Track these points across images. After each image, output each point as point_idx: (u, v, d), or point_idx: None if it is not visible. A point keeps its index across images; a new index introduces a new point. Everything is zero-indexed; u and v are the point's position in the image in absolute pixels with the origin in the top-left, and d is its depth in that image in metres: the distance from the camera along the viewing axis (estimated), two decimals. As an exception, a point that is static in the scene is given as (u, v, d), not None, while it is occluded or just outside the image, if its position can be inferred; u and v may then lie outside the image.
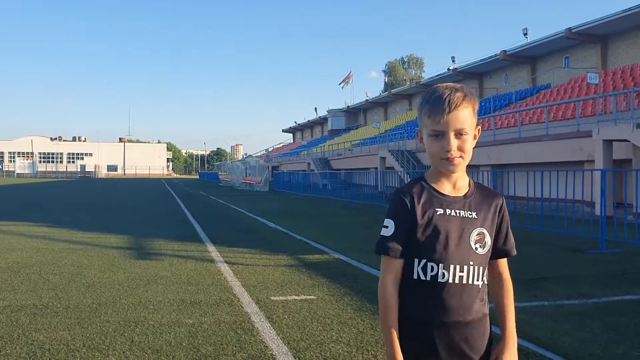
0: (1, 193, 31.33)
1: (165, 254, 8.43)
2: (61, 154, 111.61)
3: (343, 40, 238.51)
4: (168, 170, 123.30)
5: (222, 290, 5.88)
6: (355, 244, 9.29)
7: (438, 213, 1.62)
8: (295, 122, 79.71)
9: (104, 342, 4.10)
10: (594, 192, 11.82)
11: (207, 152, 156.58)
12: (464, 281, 1.60)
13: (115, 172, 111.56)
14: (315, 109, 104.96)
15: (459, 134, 1.59)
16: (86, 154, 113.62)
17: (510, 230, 1.73)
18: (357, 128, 56.65)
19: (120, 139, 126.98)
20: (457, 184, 1.66)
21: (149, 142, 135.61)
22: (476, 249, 1.63)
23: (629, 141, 14.00)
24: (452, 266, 1.59)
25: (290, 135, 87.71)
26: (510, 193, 12.28)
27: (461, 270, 1.60)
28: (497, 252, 1.71)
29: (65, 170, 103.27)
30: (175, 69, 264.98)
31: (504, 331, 1.70)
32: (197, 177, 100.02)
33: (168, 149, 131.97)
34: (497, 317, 1.73)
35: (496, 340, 1.70)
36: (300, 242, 9.92)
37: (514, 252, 1.74)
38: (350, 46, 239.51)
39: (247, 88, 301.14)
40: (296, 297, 5.52)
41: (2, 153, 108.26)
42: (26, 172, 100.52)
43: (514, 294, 1.76)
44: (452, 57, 38.82)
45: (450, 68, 38.50)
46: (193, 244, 9.56)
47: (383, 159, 28.35)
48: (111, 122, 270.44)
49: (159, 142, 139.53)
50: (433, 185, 1.66)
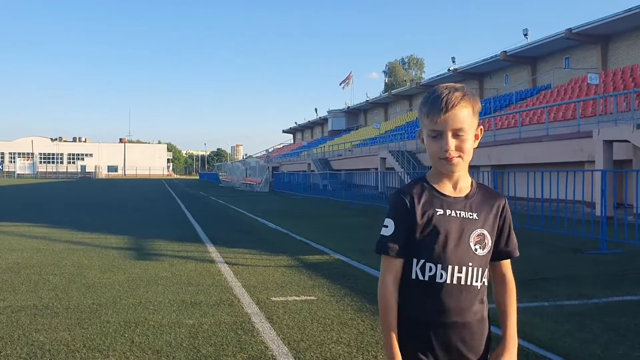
0: (1, 193, 31.34)
1: (165, 255, 8.44)
2: (61, 154, 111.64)
3: (343, 41, 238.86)
4: (168, 170, 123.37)
5: (223, 290, 5.88)
6: (356, 245, 9.28)
7: (438, 213, 1.61)
8: (296, 123, 79.76)
9: (104, 342, 4.10)
10: (594, 193, 11.82)
11: (208, 153, 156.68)
12: (462, 282, 1.59)
13: (116, 173, 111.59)
14: (316, 109, 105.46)
15: (456, 133, 1.58)
16: (86, 155, 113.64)
17: (512, 232, 1.71)
18: (357, 129, 56.65)
19: (120, 139, 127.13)
20: (458, 185, 1.66)
21: (149, 143, 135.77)
22: (476, 250, 1.62)
23: (629, 142, 14.01)
24: (450, 267, 1.59)
25: (291, 135, 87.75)
26: (510, 193, 12.27)
27: (459, 271, 1.59)
28: (500, 253, 1.70)
29: (65, 170, 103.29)
30: (176, 69, 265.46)
31: (504, 333, 1.69)
32: (198, 177, 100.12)
33: (168, 150, 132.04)
34: (498, 318, 1.72)
35: (496, 341, 1.69)
36: (300, 243, 9.91)
37: (517, 254, 1.72)
38: (350, 47, 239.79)
39: (247, 88, 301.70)
40: (296, 298, 5.52)
41: (3, 154, 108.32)
42: (26, 172, 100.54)
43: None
44: (453, 58, 38.98)
45: (450, 68, 38.57)
46: (193, 245, 9.56)
47: (383, 159, 28.34)
48: (111, 122, 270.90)
49: (159, 142, 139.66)
50: (434, 185, 1.66)
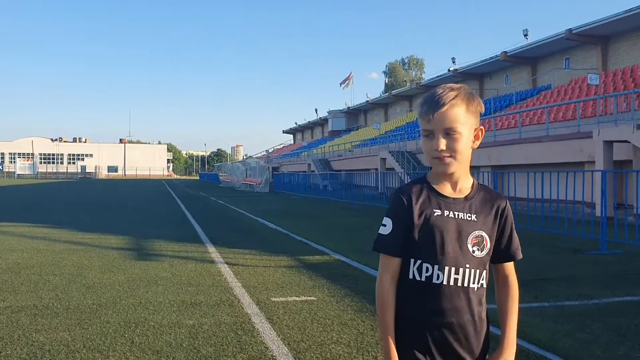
0: (2, 194, 31.35)
1: (165, 255, 8.44)
2: (62, 154, 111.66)
3: (343, 41, 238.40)
4: (168, 171, 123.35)
5: (223, 291, 5.88)
6: (356, 245, 9.28)
7: (435, 214, 1.61)
8: (296, 123, 79.78)
9: (104, 343, 4.10)
10: (594, 193, 11.84)
11: (208, 153, 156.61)
12: (459, 283, 1.59)
13: (116, 173, 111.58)
14: (316, 110, 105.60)
15: (448, 133, 1.57)
16: (87, 155, 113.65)
17: (514, 234, 1.69)
18: (357, 129, 56.66)
19: (120, 139, 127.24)
20: (458, 185, 1.65)
21: (149, 143, 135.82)
22: (473, 251, 1.61)
23: (629, 142, 14.01)
24: (447, 268, 1.58)
25: (291, 136, 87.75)
26: (510, 194, 12.27)
27: (456, 273, 1.58)
28: (501, 255, 1.68)
29: (65, 171, 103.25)
30: (176, 69, 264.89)
31: (502, 339, 1.67)
32: (198, 178, 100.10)
33: (168, 150, 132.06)
34: (498, 320, 1.72)
35: (495, 341, 1.68)
36: (300, 243, 9.92)
37: (519, 256, 1.71)
38: (350, 47, 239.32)
39: (248, 89, 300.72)
40: (297, 298, 5.52)
41: (3, 154, 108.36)
42: (27, 173, 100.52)
43: None
44: (453, 58, 39.05)
45: (450, 69, 38.61)
46: (193, 245, 9.56)
47: (383, 160, 28.34)
48: (112, 123, 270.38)
49: (159, 143, 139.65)
50: (433, 186, 1.65)
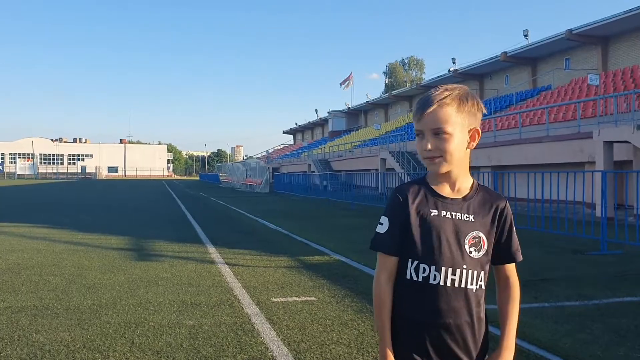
0: (2, 194, 31.35)
1: (165, 255, 8.44)
2: (62, 155, 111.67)
3: (343, 42, 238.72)
4: (168, 171, 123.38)
5: (223, 291, 5.88)
6: (356, 246, 9.28)
7: (432, 214, 1.60)
8: (296, 124, 79.77)
9: (105, 343, 4.10)
10: (594, 194, 11.83)
11: (208, 154, 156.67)
12: (456, 284, 1.58)
13: (116, 174, 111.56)
14: (316, 110, 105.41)
15: (436, 133, 1.57)
16: (87, 156, 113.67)
17: (514, 235, 1.68)
18: (357, 129, 56.64)
19: (120, 140, 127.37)
20: (456, 186, 1.64)
21: (149, 144, 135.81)
22: (470, 252, 1.60)
23: (629, 142, 14.00)
24: (444, 269, 1.57)
25: (291, 136, 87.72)
26: (510, 194, 12.27)
27: (453, 274, 1.58)
28: (500, 256, 1.67)
29: (66, 171, 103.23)
30: (176, 70, 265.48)
31: (500, 341, 1.66)
32: (198, 178, 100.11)
33: (169, 151, 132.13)
34: (498, 320, 1.71)
35: (495, 341, 1.67)
36: (300, 244, 9.92)
37: (520, 258, 1.70)
38: (350, 47, 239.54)
39: (248, 89, 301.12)
40: (297, 299, 5.53)
41: (3, 154, 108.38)
42: (27, 173, 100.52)
43: None
44: (453, 59, 39.11)
45: (450, 69, 38.62)
46: (193, 246, 9.56)
47: (383, 160, 28.33)
48: (112, 123, 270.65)
49: (159, 143, 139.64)
50: (432, 186, 1.65)
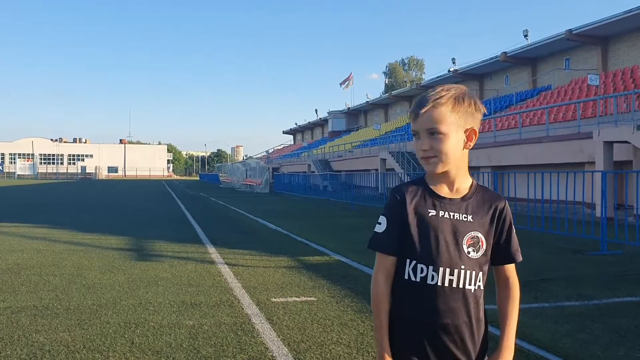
0: (2, 194, 31.34)
1: (165, 256, 8.44)
2: (62, 155, 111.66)
3: (343, 42, 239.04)
4: (168, 171, 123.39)
5: (223, 291, 5.88)
6: (356, 246, 9.27)
7: (430, 214, 1.60)
8: (296, 124, 79.80)
9: (104, 343, 4.10)
10: (594, 194, 11.84)
11: (208, 154, 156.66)
12: (454, 285, 1.57)
13: (116, 174, 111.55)
14: (316, 110, 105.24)
15: (431, 133, 1.57)
16: (87, 156, 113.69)
17: (514, 235, 1.67)
18: (357, 129, 56.64)
19: (120, 140, 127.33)
20: (455, 186, 1.64)
21: (149, 144, 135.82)
22: (468, 252, 1.59)
23: (629, 143, 14.00)
24: (442, 269, 1.57)
25: (291, 136, 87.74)
26: (510, 195, 12.28)
27: (451, 274, 1.57)
28: (500, 257, 1.67)
29: (65, 171, 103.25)
30: (176, 70, 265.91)
31: (500, 342, 1.65)
32: (198, 178, 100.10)
33: (168, 151, 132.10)
34: (498, 320, 1.71)
35: (494, 341, 1.67)
36: (300, 244, 9.91)
37: (519, 258, 1.69)
38: (350, 48, 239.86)
39: (248, 89, 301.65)
40: (297, 299, 5.52)
41: (3, 154, 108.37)
42: (27, 173, 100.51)
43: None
44: (453, 59, 39.11)
45: (450, 69, 38.63)
46: (193, 246, 9.55)
47: (383, 160, 28.33)
48: (112, 123, 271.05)
49: (159, 143, 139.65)
50: (431, 186, 1.65)
